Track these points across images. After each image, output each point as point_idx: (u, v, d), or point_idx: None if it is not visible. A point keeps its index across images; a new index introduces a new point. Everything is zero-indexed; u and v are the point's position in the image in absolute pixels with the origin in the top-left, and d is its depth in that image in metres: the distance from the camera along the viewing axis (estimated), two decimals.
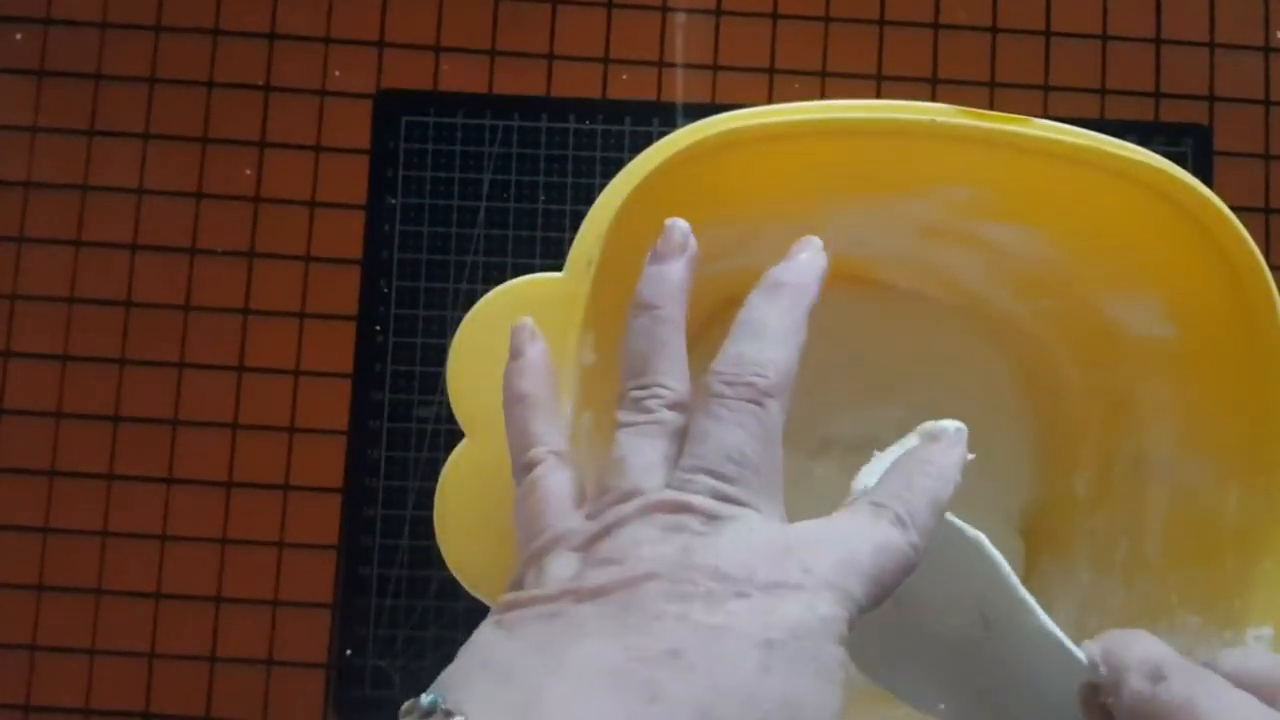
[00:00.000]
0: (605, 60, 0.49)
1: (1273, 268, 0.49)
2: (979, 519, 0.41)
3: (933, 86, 0.49)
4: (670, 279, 0.27)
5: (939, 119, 0.30)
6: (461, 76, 0.49)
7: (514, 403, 0.27)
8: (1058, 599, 0.39)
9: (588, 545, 0.23)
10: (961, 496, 0.41)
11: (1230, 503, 0.33)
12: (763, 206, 0.36)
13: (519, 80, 0.49)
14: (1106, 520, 0.39)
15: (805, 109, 0.31)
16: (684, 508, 0.23)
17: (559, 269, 0.31)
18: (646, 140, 0.48)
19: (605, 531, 0.23)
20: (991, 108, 0.49)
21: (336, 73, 0.48)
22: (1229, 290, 0.31)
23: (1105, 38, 0.50)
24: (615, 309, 0.30)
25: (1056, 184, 0.33)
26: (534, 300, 0.30)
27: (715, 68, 0.49)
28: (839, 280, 0.43)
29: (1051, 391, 0.42)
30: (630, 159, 0.51)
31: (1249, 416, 0.32)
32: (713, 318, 0.43)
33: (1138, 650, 0.24)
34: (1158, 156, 0.31)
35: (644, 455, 0.24)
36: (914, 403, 0.42)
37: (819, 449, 0.44)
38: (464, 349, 0.30)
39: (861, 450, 0.42)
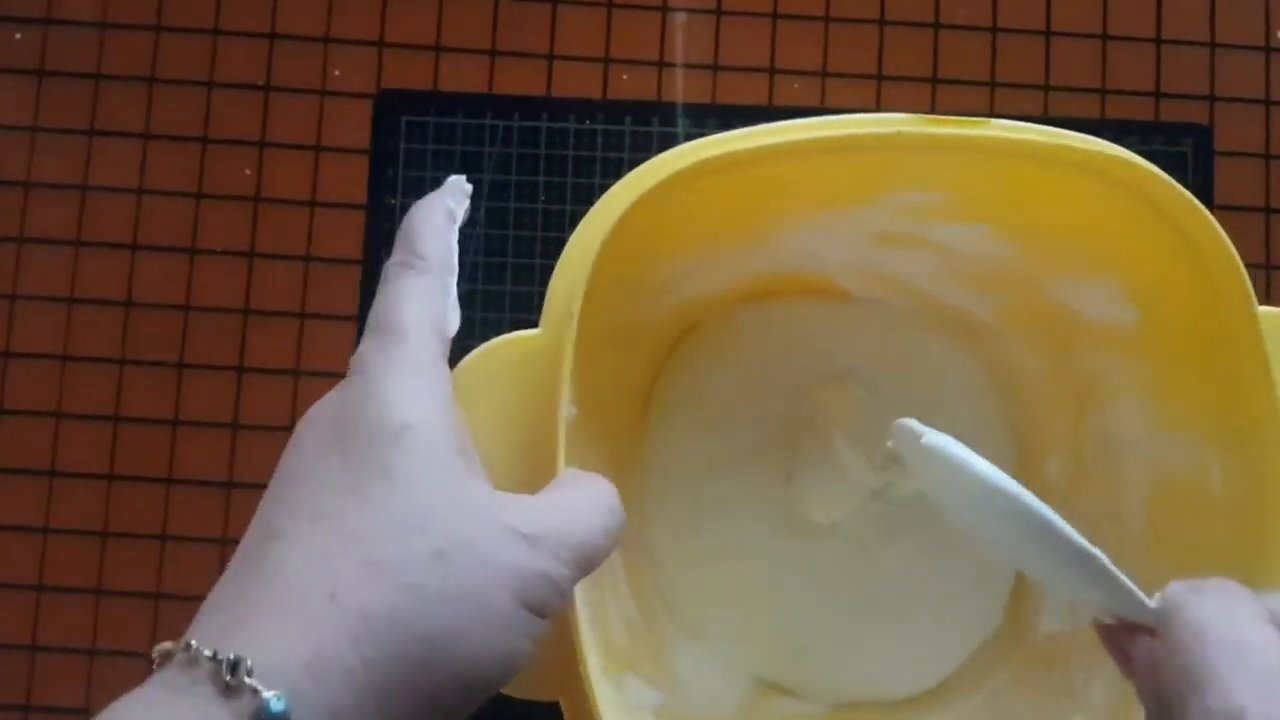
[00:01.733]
0: (605, 60, 0.49)
1: (1273, 268, 0.49)
2: None
3: (933, 86, 0.49)
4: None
5: (903, 130, 0.30)
6: (461, 76, 0.49)
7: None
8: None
9: None
10: None
11: (1212, 474, 0.33)
12: (718, 232, 0.36)
13: (519, 80, 0.49)
14: (1086, 504, 0.39)
15: (763, 132, 0.30)
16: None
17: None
18: (646, 140, 0.48)
19: None
20: (991, 108, 0.49)
21: (336, 73, 0.48)
22: (1191, 270, 0.31)
23: (1105, 38, 0.50)
24: (588, 358, 0.30)
25: (1008, 181, 0.33)
26: (516, 360, 0.30)
27: (715, 68, 0.49)
28: (794, 294, 0.43)
29: (1016, 381, 0.43)
30: (630, 159, 0.51)
31: (1220, 387, 0.32)
32: (676, 346, 0.43)
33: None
34: (1113, 145, 0.31)
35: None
36: (886, 407, 0.42)
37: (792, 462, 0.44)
38: None
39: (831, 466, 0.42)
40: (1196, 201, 0.30)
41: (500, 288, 0.47)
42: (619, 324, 0.36)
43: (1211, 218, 0.30)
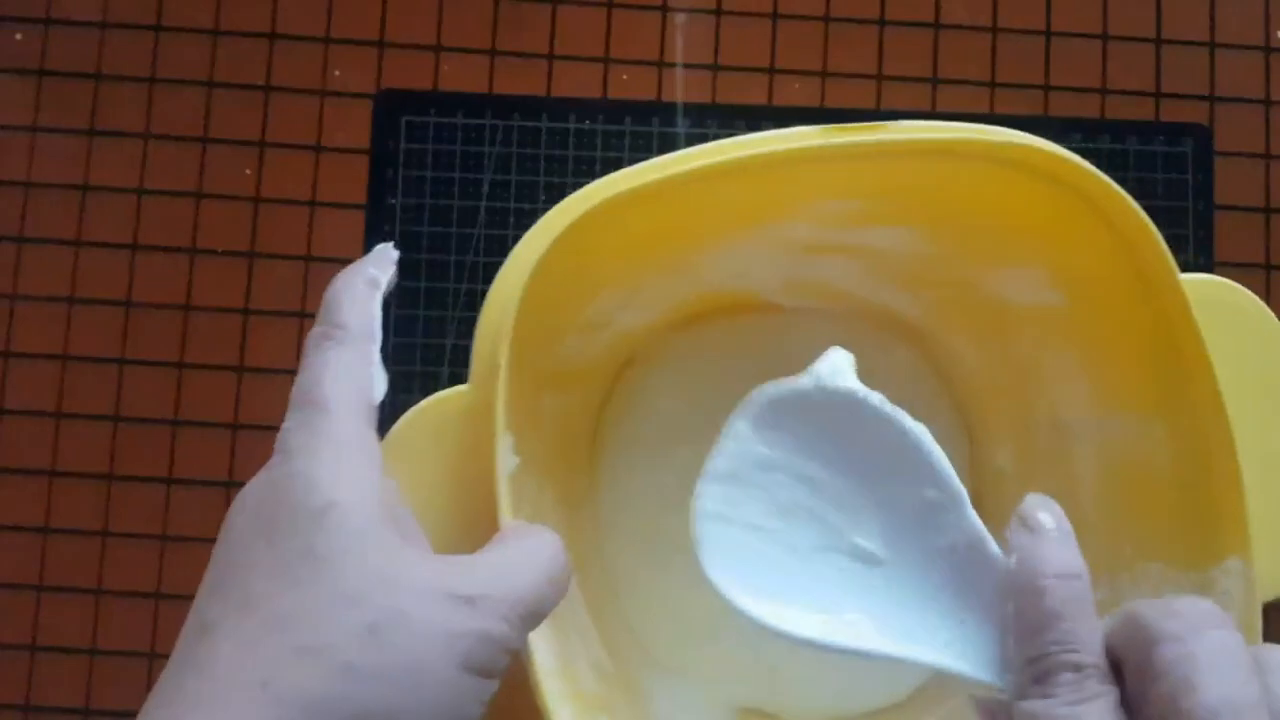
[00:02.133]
0: (605, 60, 0.49)
1: (1273, 267, 0.49)
2: None
3: (933, 86, 0.49)
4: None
5: (805, 144, 0.30)
6: (461, 76, 0.49)
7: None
8: None
9: None
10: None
11: (1160, 449, 0.33)
12: (640, 264, 0.36)
13: (519, 80, 0.49)
14: (1040, 488, 0.39)
15: (665, 164, 0.30)
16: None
17: None
18: (646, 140, 0.48)
19: None
20: (991, 108, 0.49)
21: (336, 73, 0.48)
22: (1111, 246, 0.32)
23: (1105, 38, 0.50)
24: (525, 405, 0.30)
25: (921, 180, 0.33)
26: (449, 419, 0.29)
27: (715, 68, 0.49)
28: (727, 314, 0.43)
29: (960, 374, 0.43)
30: (630, 159, 0.51)
31: (1156, 362, 0.32)
32: (616, 381, 0.43)
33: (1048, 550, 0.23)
34: (1013, 132, 0.31)
35: None
36: None
37: None
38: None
39: None
40: (1106, 178, 0.30)
41: None
42: (552, 367, 0.36)
43: (1123, 192, 0.30)
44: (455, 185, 0.48)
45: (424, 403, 0.30)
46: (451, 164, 0.48)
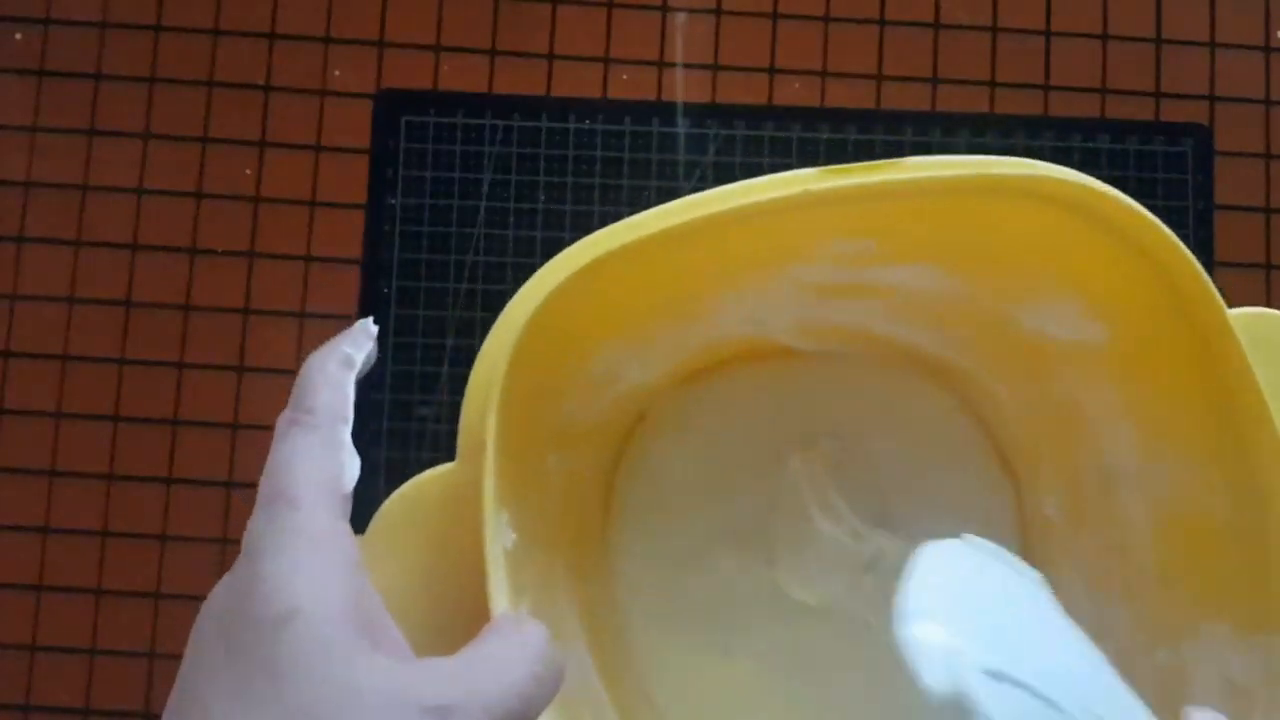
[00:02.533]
0: (605, 60, 0.49)
1: (1273, 267, 0.49)
2: None
3: (933, 86, 0.49)
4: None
5: (808, 189, 0.27)
6: (461, 76, 0.49)
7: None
8: None
9: None
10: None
11: (1218, 496, 0.30)
12: (645, 315, 0.34)
13: (519, 80, 0.49)
14: (1091, 541, 0.36)
15: (662, 215, 0.28)
16: None
17: None
18: (646, 140, 0.48)
19: None
20: (991, 108, 0.49)
21: (336, 73, 0.48)
22: (1157, 286, 0.29)
23: (1105, 38, 0.50)
24: (526, 471, 0.28)
25: (937, 215, 0.30)
26: (435, 500, 0.27)
27: (715, 68, 0.49)
28: (742, 362, 0.41)
29: (997, 417, 0.40)
30: (630, 158, 0.50)
31: (1207, 402, 0.30)
32: (628, 438, 0.41)
33: None
34: (1037, 164, 0.28)
35: None
36: (862, 463, 0.40)
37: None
38: (368, 563, 0.27)
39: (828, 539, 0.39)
40: (1142, 209, 0.28)
41: (501, 287, 0.47)
42: (556, 427, 0.34)
43: (1160, 224, 0.28)
44: (455, 185, 0.48)
45: (408, 485, 0.27)
46: (451, 164, 0.48)
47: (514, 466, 0.27)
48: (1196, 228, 0.48)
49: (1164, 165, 0.49)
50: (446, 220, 0.48)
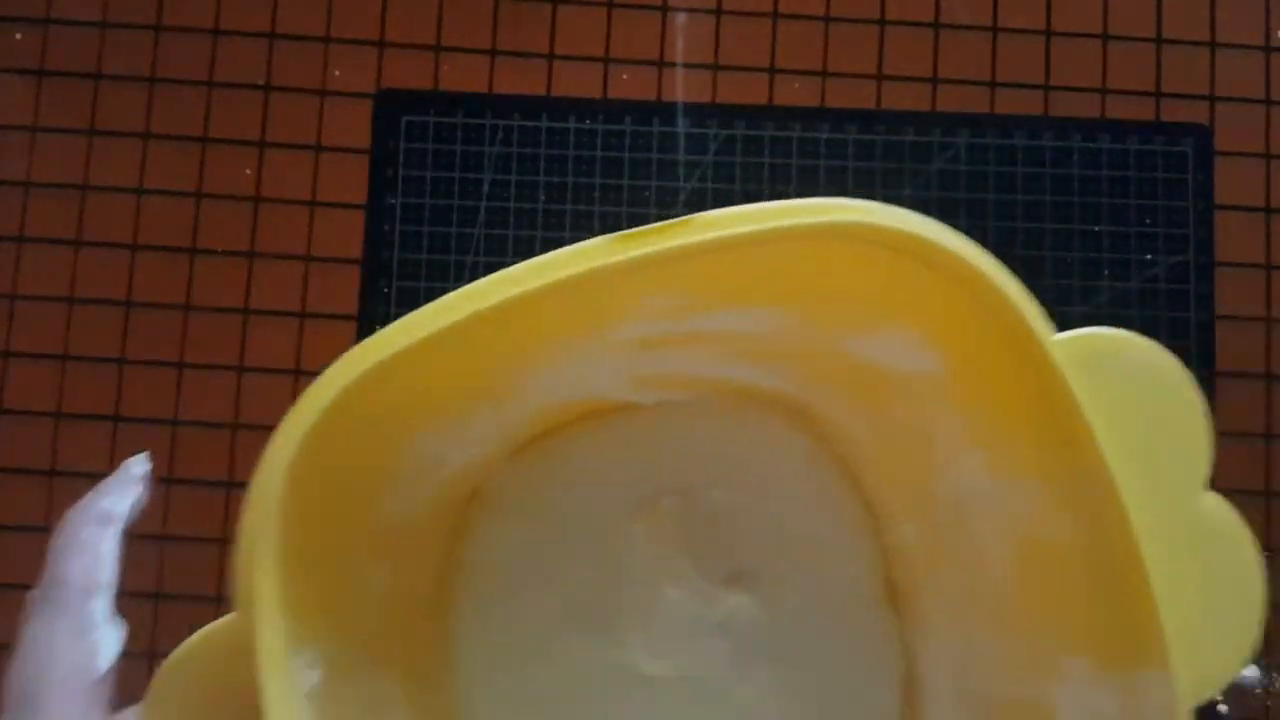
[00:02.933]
0: (605, 60, 0.49)
1: (1273, 268, 0.49)
2: (848, 600, 0.37)
3: (933, 86, 0.49)
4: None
5: (596, 264, 0.25)
6: (461, 76, 0.49)
7: None
8: (939, 665, 0.35)
9: None
10: (828, 580, 0.37)
11: (1062, 519, 0.29)
12: (455, 398, 0.31)
13: (519, 80, 0.49)
14: (951, 569, 0.35)
15: (445, 309, 0.25)
16: None
17: None
18: (646, 140, 0.48)
19: None
20: (992, 108, 0.49)
21: (336, 73, 0.48)
22: (970, 309, 0.28)
23: (1105, 38, 0.50)
24: (340, 587, 0.26)
25: (746, 264, 0.28)
26: (219, 659, 0.24)
27: (715, 68, 0.49)
28: (582, 423, 0.38)
29: (849, 451, 0.38)
30: (630, 159, 0.50)
31: (1038, 426, 0.29)
32: (460, 521, 0.38)
33: None
34: (844, 207, 0.26)
35: None
36: (709, 515, 0.37)
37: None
38: None
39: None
40: (953, 241, 0.26)
41: None
42: (372, 531, 0.32)
43: (976, 254, 0.26)
44: (455, 185, 0.48)
45: (183, 647, 0.24)
46: (451, 164, 0.48)
47: (317, 594, 0.24)
48: (1196, 228, 0.48)
49: (1164, 165, 0.49)
50: (446, 220, 0.48)
